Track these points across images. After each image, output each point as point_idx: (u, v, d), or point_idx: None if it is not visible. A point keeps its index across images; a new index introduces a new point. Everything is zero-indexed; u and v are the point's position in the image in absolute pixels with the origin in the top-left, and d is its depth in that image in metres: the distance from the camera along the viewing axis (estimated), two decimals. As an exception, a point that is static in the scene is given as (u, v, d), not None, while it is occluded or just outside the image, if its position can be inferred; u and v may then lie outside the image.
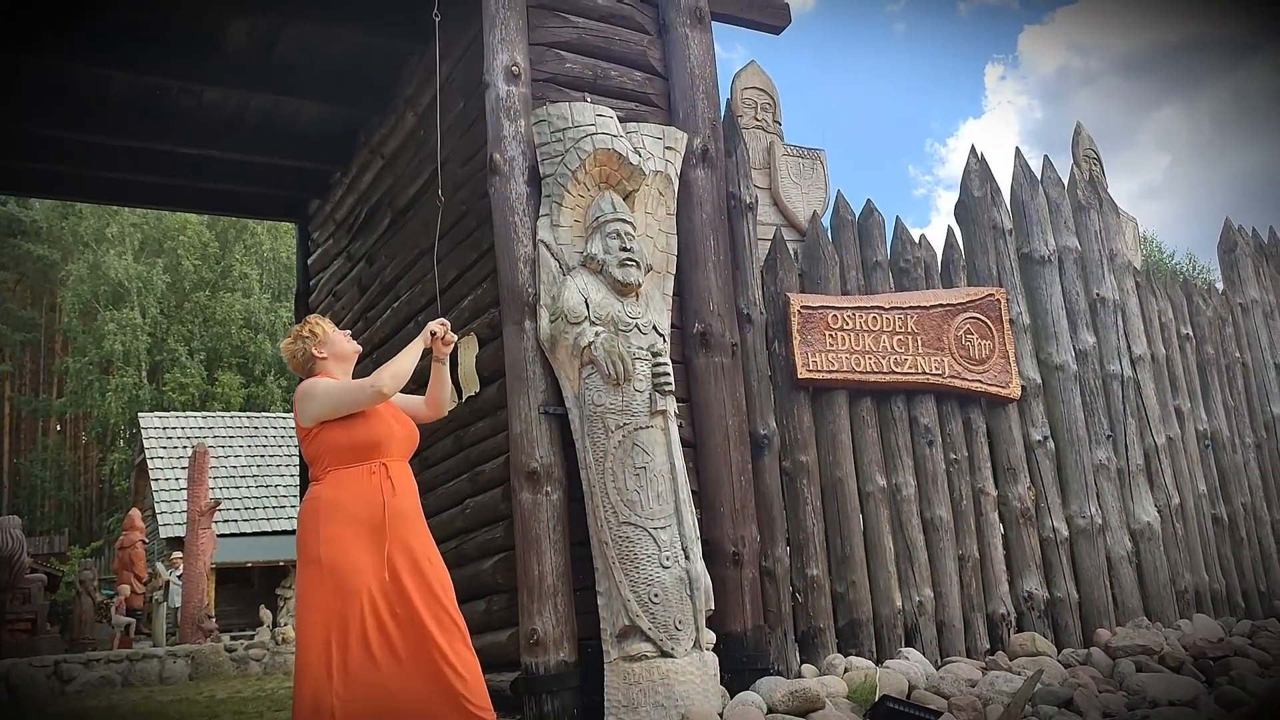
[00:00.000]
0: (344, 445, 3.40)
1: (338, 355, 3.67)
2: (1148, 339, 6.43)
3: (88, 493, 37.61)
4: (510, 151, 4.63)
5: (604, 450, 4.31)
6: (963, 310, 5.71)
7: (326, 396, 3.43)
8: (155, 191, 7.44)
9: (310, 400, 3.43)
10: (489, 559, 4.79)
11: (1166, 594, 5.91)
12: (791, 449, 5.22)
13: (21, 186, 7.59)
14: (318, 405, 3.42)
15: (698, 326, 4.90)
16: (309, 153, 6.94)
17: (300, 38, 5.78)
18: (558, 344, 4.44)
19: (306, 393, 3.46)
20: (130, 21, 5.46)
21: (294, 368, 3.69)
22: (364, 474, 3.40)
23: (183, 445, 24.37)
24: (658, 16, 5.28)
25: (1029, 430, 5.81)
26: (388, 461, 3.45)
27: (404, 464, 3.55)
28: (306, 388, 3.48)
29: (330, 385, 3.48)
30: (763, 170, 5.72)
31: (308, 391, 3.46)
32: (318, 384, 3.48)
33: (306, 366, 3.64)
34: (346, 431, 3.41)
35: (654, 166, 4.76)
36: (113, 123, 6.29)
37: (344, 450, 3.40)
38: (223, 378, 33.85)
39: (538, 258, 4.53)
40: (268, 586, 21.59)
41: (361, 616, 3.30)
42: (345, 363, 3.70)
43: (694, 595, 4.30)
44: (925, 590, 5.31)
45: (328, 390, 3.45)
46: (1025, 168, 6.31)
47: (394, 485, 3.43)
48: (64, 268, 36.28)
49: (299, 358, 3.65)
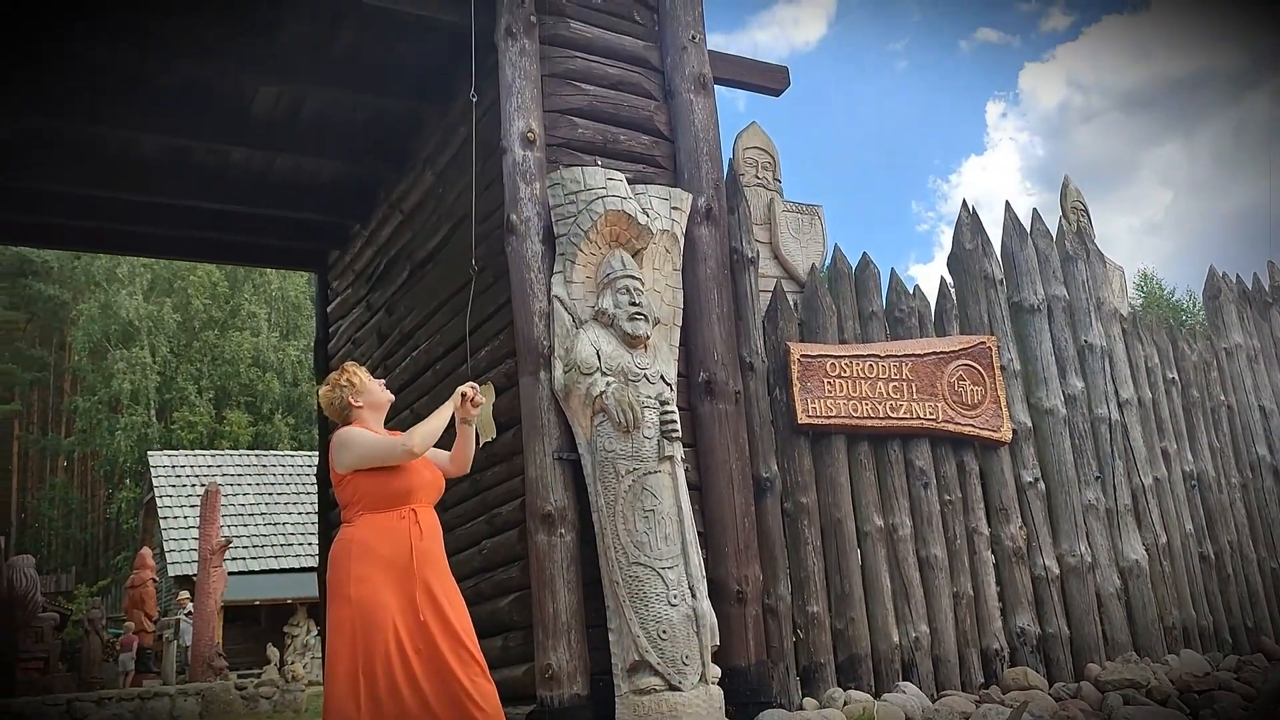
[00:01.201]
0: (377, 491, 3.64)
1: (373, 404, 3.90)
2: (1134, 383, 6.70)
3: (95, 531, 37.77)
4: (526, 212, 4.93)
5: (615, 494, 4.58)
6: (955, 358, 5.98)
7: (362, 449, 3.67)
8: (179, 244, 7.77)
9: (346, 450, 3.68)
10: (506, 597, 5.04)
11: (1155, 630, 6.14)
12: (793, 491, 5.48)
13: (50, 240, 7.91)
14: (353, 456, 3.67)
15: (703, 375, 5.18)
16: (330, 207, 7.26)
17: (324, 102, 6.11)
18: (571, 393, 4.71)
19: (343, 442, 3.70)
20: (162, 87, 5.79)
21: (330, 414, 3.93)
22: (394, 519, 3.64)
23: (191, 484, 24.59)
24: (664, 83, 5.61)
25: (1020, 472, 6.07)
26: (417, 507, 3.69)
27: (431, 510, 3.79)
28: (343, 437, 3.72)
29: (366, 439, 3.72)
30: (764, 225, 6.02)
31: (344, 441, 3.70)
32: (354, 435, 3.72)
33: (343, 414, 3.86)
34: (380, 479, 3.65)
35: (661, 226, 5.06)
36: (141, 181, 6.63)
37: (377, 496, 3.64)
38: (231, 416, 34.10)
39: (552, 312, 4.82)
40: (275, 625, 21.71)
41: (387, 651, 3.53)
42: (379, 411, 3.93)
43: (700, 631, 4.54)
44: (921, 626, 5.54)
45: (364, 443, 3.69)
46: (1015, 221, 6.61)
47: (422, 530, 3.67)
48: (74, 307, 36.70)
49: (336, 405, 3.86)
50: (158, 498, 24.44)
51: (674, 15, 5.67)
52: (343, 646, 3.56)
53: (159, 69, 5.63)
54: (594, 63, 5.39)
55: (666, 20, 5.68)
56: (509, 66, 5.10)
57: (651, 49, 5.63)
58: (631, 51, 5.55)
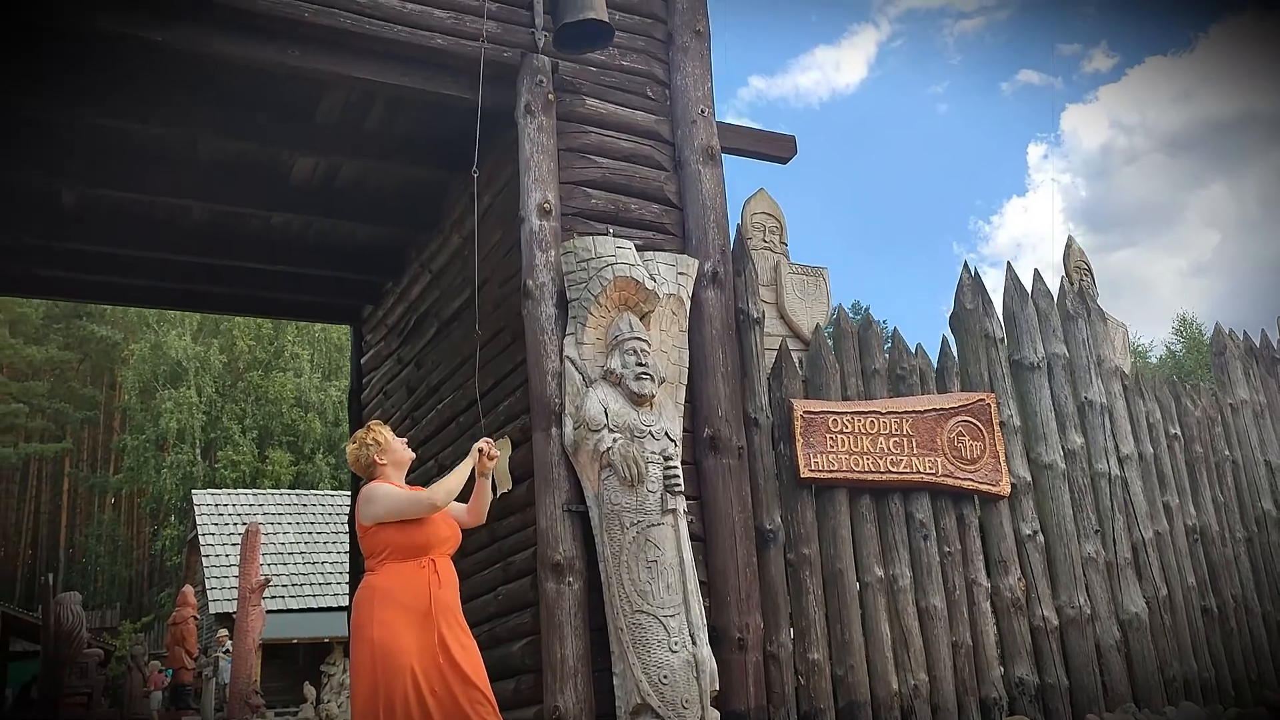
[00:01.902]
0: (400, 543, 3.97)
1: (396, 462, 4.25)
2: (1135, 439, 6.88)
3: (140, 567, 38.48)
4: (541, 278, 5.27)
5: (620, 545, 4.86)
6: (955, 414, 6.22)
7: (389, 503, 4.00)
8: (226, 300, 8.25)
9: (373, 504, 4.01)
10: (518, 642, 5.32)
11: (1155, 681, 6.29)
12: (795, 542, 5.73)
13: (114, 297, 8.48)
14: (380, 509, 4.00)
15: (707, 431, 5.47)
16: (364, 266, 7.69)
17: (358, 171, 6.54)
18: (580, 449, 5.02)
19: (369, 496, 4.04)
20: (210, 160, 6.25)
21: (356, 470, 4.28)
22: (415, 569, 3.96)
23: (234, 522, 25.08)
24: (674, 154, 5.95)
25: (1019, 525, 6.27)
26: (436, 558, 4.02)
27: (448, 560, 4.11)
28: (369, 492, 4.06)
29: (392, 493, 4.05)
30: (770, 286, 6.32)
31: (371, 495, 4.04)
32: (381, 490, 4.05)
33: (369, 470, 4.20)
34: (403, 532, 3.98)
35: (667, 290, 5.38)
36: (192, 244, 7.11)
37: (399, 547, 3.97)
38: (273, 455, 34.72)
39: (564, 372, 5.15)
40: (313, 663, 22.01)
41: (405, 691, 3.83)
42: (402, 468, 4.28)
43: (700, 677, 4.79)
44: (920, 674, 5.75)
45: (389, 497, 4.02)
46: (1016, 281, 6.86)
47: (440, 579, 3.99)
48: (125, 347, 37.72)
49: (362, 461, 4.21)
50: (201, 535, 24.95)
51: (685, 91, 6.03)
52: (365, 686, 3.88)
53: (208, 145, 6.08)
54: (608, 137, 5.75)
55: (678, 95, 6.04)
56: (527, 142, 5.47)
57: (663, 122, 5.99)
58: (644, 125, 5.91)
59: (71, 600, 16.33)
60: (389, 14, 5.31)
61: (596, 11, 5.33)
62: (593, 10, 5.33)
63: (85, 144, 6.01)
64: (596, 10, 5.34)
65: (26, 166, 6.09)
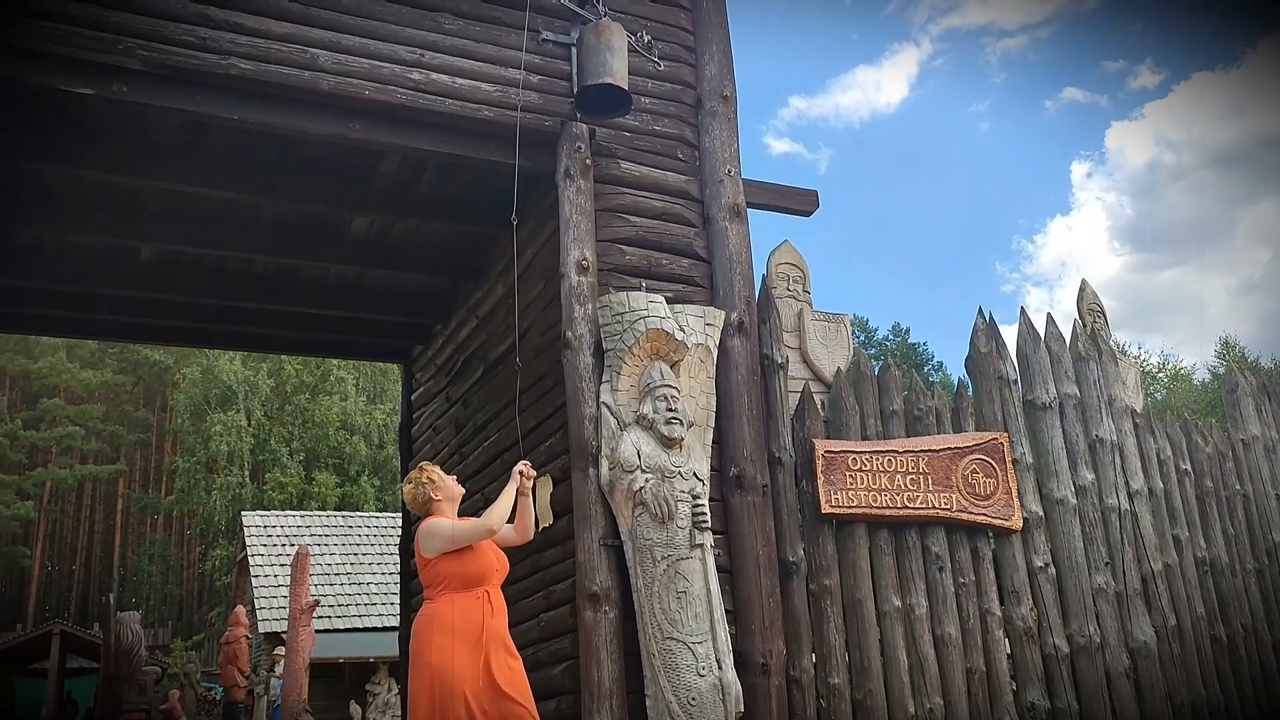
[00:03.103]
0: (458, 574, 4.43)
1: (450, 497, 4.73)
2: (1145, 475, 7.21)
3: (190, 587, 39.43)
4: (579, 330, 5.74)
5: (652, 577, 5.30)
6: (969, 453, 6.60)
7: (448, 534, 4.45)
8: (286, 342, 8.89)
9: (433, 538, 4.48)
10: (559, 665, 5.77)
11: (1163, 708, 6.60)
12: (817, 573, 6.13)
13: (186, 341, 9.21)
14: (440, 542, 4.46)
15: (733, 470, 5.89)
16: (415, 311, 8.23)
17: (410, 226, 7.07)
18: (615, 488, 5.47)
19: (429, 531, 4.51)
20: (274, 219, 6.82)
21: (414, 508, 4.76)
22: (471, 598, 4.42)
23: (282, 543, 25.71)
24: (703, 211, 6.41)
25: (1031, 557, 6.62)
26: (489, 589, 4.48)
27: (499, 590, 4.57)
28: (430, 527, 4.52)
29: (451, 526, 4.50)
30: (794, 333, 6.74)
31: (430, 530, 4.50)
32: (440, 524, 4.51)
33: (425, 507, 4.69)
34: (461, 564, 4.44)
35: (696, 340, 5.83)
36: (256, 292, 7.71)
37: (457, 578, 4.43)
38: (320, 477, 35.53)
39: (600, 416, 5.60)
40: (358, 682, 22.52)
41: (458, 713, 4.29)
42: (455, 503, 4.76)
43: (725, 700, 5.21)
44: (936, 699, 6.12)
45: (449, 529, 4.47)
46: (1029, 326, 7.23)
47: (493, 608, 4.45)
48: (177, 371, 38.79)
49: (419, 499, 4.69)
50: (250, 556, 25.58)
51: (713, 152, 6.49)
52: (424, 706, 4.34)
53: (274, 207, 6.66)
54: (641, 197, 6.22)
55: (706, 157, 6.50)
56: (567, 204, 5.96)
57: (692, 182, 6.45)
58: (674, 185, 6.37)
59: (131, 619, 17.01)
60: (440, 89, 5.82)
61: (614, 78, 5.81)
62: (610, 76, 5.81)
63: (162, 207, 6.62)
64: (615, 77, 5.82)
65: (106, 227, 6.69)
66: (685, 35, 6.74)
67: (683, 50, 6.70)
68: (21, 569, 37.74)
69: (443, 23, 5.96)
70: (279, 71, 5.45)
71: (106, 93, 5.20)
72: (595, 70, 5.84)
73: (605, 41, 5.89)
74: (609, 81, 5.81)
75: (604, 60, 5.83)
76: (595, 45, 5.88)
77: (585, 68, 5.90)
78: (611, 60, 5.85)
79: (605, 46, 5.88)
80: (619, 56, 5.87)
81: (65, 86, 5.13)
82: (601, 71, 5.83)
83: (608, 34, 5.91)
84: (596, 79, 5.83)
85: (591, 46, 5.89)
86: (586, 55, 5.89)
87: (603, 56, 5.84)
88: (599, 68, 5.83)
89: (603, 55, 5.84)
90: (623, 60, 5.88)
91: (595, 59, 5.85)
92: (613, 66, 5.84)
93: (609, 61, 5.84)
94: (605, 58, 5.84)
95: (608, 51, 5.86)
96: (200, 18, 5.37)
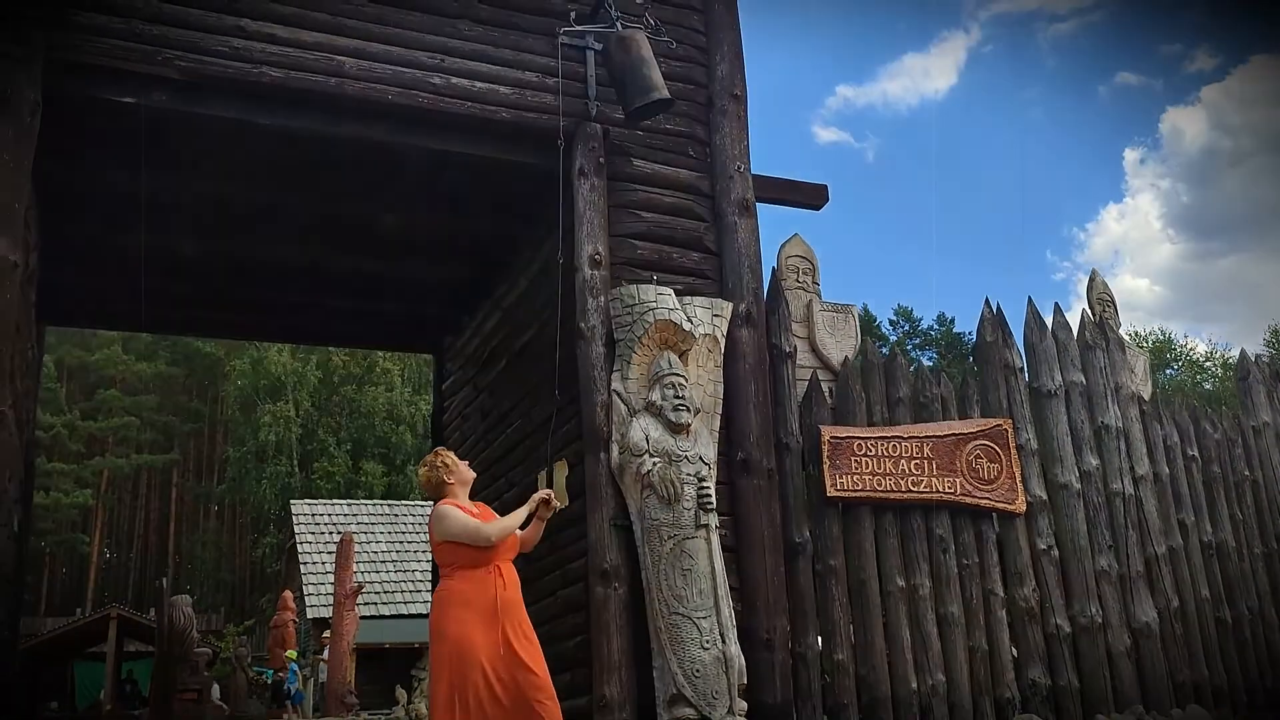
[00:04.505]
0: (468, 554, 4.73)
1: (461, 481, 5.05)
2: (1151, 460, 7.37)
3: (242, 574, 40.37)
4: (592, 321, 6.03)
5: (659, 555, 5.59)
6: (973, 438, 6.81)
7: (456, 526, 4.75)
8: (323, 333, 9.33)
9: (443, 523, 4.79)
10: (573, 639, 6.08)
11: (1164, 686, 6.77)
12: (823, 554, 6.39)
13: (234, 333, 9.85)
14: (447, 530, 4.77)
15: (740, 455, 6.16)
16: (444, 304, 8.58)
17: (435, 222, 7.39)
18: (624, 471, 5.76)
19: (441, 514, 4.82)
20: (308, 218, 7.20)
21: (428, 490, 5.08)
22: (483, 574, 4.72)
23: (329, 531, 26.33)
24: (712, 207, 6.66)
25: (1035, 540, 6.82)
26: (499, 564, 4.79)
27: (510, 565, 4.87)
28: (441, 511, 4.84)
29: (460, 520, 4.77)
30: (802, 323, 6.99)
31: (442, 514, 4.82)
32: (450, 514, 4.81)
33: (439, 490, 5.01)
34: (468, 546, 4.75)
35: (704, 330, 6.10)
36: (293, 286, 8.12)
37: (468, 557, 4.73)
38: (366, 467, 36.23)
39: (611, 403, 5.89)
40: (404, 667, 22.99)
41: (476, 681, 4.60)
42: (466, 486, 5.07)
43: (729, 671, 5.48)
44: (938, 675, 6.35)
45: (457, 522, 4.76)
46: (1036, 315, 7.42)
47: (504, 582, 4.75)
48: (228, 363, 39.71)
49: (433, 482, 5.01)
50: (298, 544, 26.24)
51: (723, 149, 6.74)
52: (442, 674, 4.67)
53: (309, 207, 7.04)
54: (652, 193, 6.49)
55: (717, 154, 6.75)
56: (581, 200, 6.24)
57: (703, 178, 6.70)
58: (685, 181, 6.63)
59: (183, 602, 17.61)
60: (460, 93, 6.13)
61: (659, 91, 6.05)
62: (656, 91, 6.05)
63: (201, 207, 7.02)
64: (659, 89, 6.06)
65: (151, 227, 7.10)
66: (697, 36, 6.99)
67: (695, 51, 6.95)
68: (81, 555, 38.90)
69: (462, 29, 6.27)
70: (308, 78, 5.80)
71: (148, 101, 5.58)
72: (640, 87, 6.02)
73: (638, 55, 6.07)
74: (657, 98, 6.04)
75: (645, 75, 6.05)
76: (628, 61, 6.07)
77: (626, 85, 6.09)
78: (650, 74, 6.07)
79: (640, 60, 6.07)
80: (654, 68, 6.10)
81: (110, 96, 5.52)
82: (647, 88, 6.03)
83: (637, 46, 6.11)
84: (644, 96, 6.02)
85: (624, 63, 6.08)
86: (621, 71, 6.09)
87: (641, 72, 6.05)
88: (642, 83, 6.04)
89: (640, 70, 6.04)
90: (657, 70, 6.11)
91: (634, 75, 6.03)
92: (653, 79, 6.06)
93: (649, 76, 6.06)
94: (645, 73, 6.05)
95: (644, 66, 6.07)
96: (234, 29, 5.73)
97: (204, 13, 5.68)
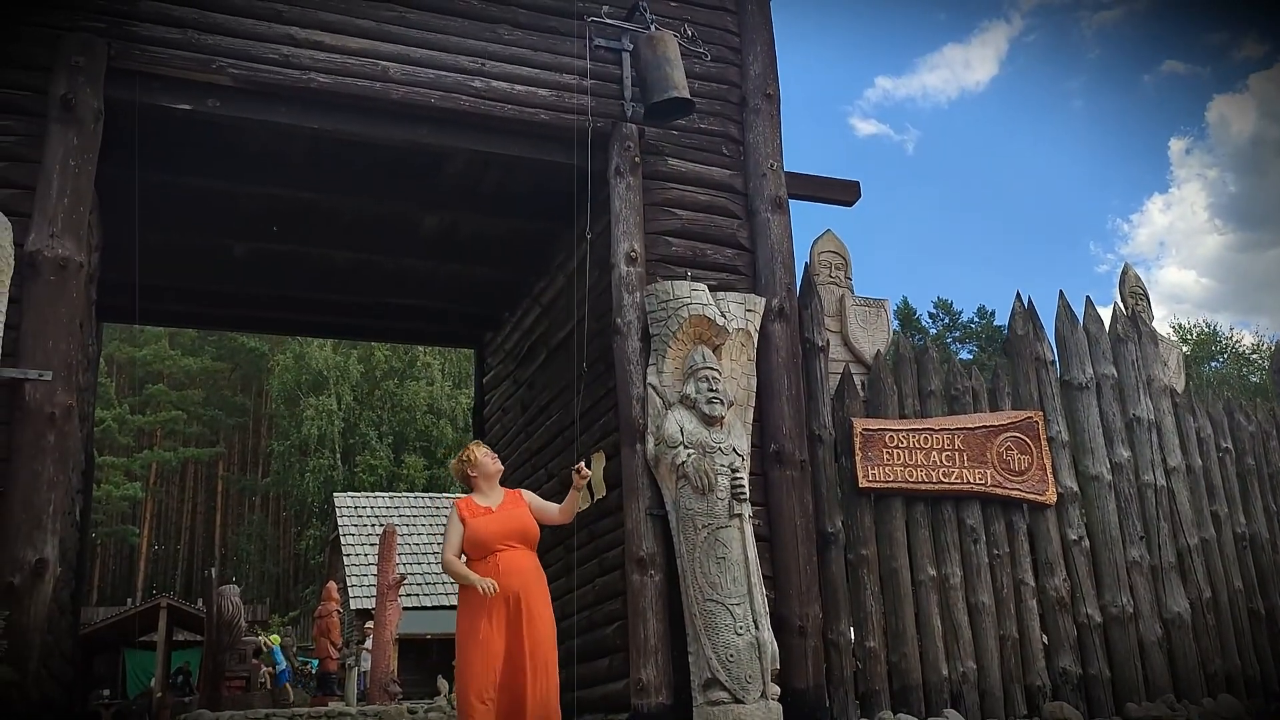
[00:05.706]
0: (470, 546, 5.09)
1: (485, 475, 5.31)
2: (1184, 452, 7.42)
3: (286, 565, 41.04)
4: (628, 317, 6.21)
5: (693, 543, 5.75)
6: (1004, 430, 6.91)
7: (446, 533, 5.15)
8: (368, 330, 9.64)
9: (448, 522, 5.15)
10: (610, 625, 6.27)
11: (1195, 676, 6.84)
12: (855, 544, 6.52)
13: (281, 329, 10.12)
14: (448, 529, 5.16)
15: (773, 446, 6.31)
16: (484, 301, 8.81)
17: (476, 222, 7.61)
18: (660, 462, 5.93)
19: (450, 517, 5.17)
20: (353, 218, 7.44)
21: (458, 479, 5.41)
22: (481, 565, 5.04)
23: (372, 523, 26.71)
24: (746, 204, 6.81)
25: (1066, 531, 6.91)
26: (497, 553, 5.01)
27: (514, 552, 5.05)
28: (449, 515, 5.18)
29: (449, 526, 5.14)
30: (835, 317, 7.12)
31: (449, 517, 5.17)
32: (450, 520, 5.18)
33: (465, 481, 5.35)
34: (469, 539, 5.07)
35: (737, 325, 6.25)
36: (338, 284, 8.38)
37: (470, 548, 5.09)
38: (408, 460, 36.66)
39: (647, 397, 6.06)
40: (446, 657, 23.34)
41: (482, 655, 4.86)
42: (491, 479, 5.32)
43: (761, 656, 5.64)
44: (969, 663, 6.46)
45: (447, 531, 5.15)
46: (1067, 308, 7.49)
47: (499, 568, 4.98)
48: (272, 358, 40.34)
49: (460, 474, 5.39)
50: (342, 536, 26.64)
51: (756, 148, 6.89)
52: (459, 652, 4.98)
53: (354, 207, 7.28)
54: (687, 191, 6.65)
55: (750, 152, 6.90)
56: (617, 199, 6.41)
57: (736, 176, 6.85)
58: (719, 179, 6.78)
59: (231, 592, 18.06)
60: (499, 95, 6.32)
61: (678, 90, 6.24)
62: (675, 89, 6.23)
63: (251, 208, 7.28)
64: (678, 88, 6.24)
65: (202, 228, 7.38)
66: (731, 37, 7.14)
67: (728, 51, 7.10)
68: (130, 547, 39.73)
69: (502, 34, 6.47)
70: (354, 84, 6.02)
71: (202, 108, 5.84)
72: (659, 85, 6.24)
73: (663, 54, 6.29)
74: (674, 96, 6.23)
75: (665, 74, 6.25)
76: (653, 59, 6.28)
77: (647, 82, 6.30)
78: (672, 73, 6.26)
79: (664, 59, 6.28)
80: (677, 68, 6.29)
81: (166, 103, 5.78)
82: (666, 86, 6.24)
83: (663, 46, 6.32)
84: (662, 94, 6.24)
85: (649, 61, 6.29)
86: (645, 69, 6.30)
87: (663, 70, 6.25)
88: (661, 81, 6.25)
89: (663, 69, 6.25)
90: (681, 70, 6.30)
91: (656, 73, 6.26)
92: (674, 79, 6.26)
93: (670, 75, 6.26)
94: (666, 71, 6.26)
95: (667, 65, 6.27)
96: (284, 37, 5.96)
97: (255, 22, 5.92)
